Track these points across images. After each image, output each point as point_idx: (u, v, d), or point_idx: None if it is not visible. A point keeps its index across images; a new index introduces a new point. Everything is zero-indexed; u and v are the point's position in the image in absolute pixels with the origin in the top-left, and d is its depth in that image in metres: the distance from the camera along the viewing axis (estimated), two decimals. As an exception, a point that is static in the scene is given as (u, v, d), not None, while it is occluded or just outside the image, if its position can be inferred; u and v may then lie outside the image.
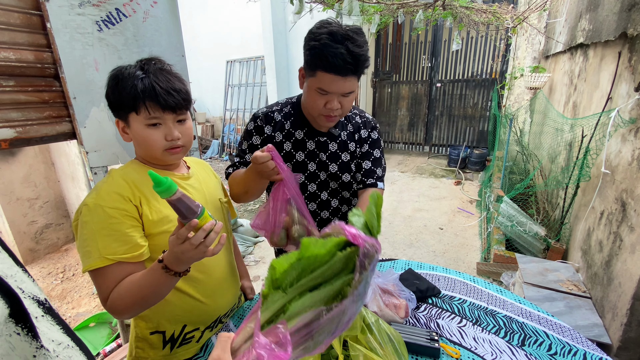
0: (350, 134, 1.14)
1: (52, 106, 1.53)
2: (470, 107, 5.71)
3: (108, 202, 0.74)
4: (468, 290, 1.15)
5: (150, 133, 0.78)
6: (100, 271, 0.73)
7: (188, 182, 0.90)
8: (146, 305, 0.75)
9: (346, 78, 0.90)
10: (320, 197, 1.14)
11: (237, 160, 1.12)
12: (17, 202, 2.68)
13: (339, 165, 1.12)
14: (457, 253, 2.90)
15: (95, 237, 0.72)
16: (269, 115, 1.08)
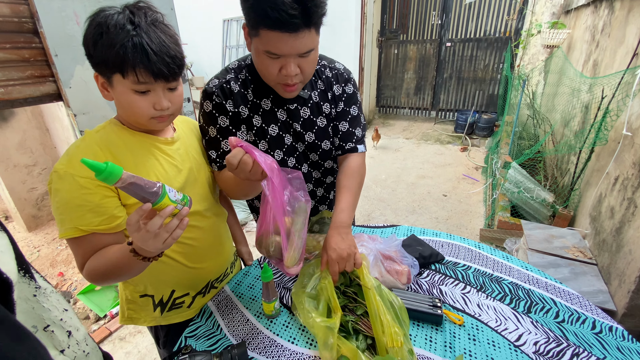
0: (323, 93, 0.98)
1: (34, 65, 1.43)
2: (480, 69, 5.42)
3: (79, 171, 0.67)
4: (473, 256, 1.11)
5: (137, 100, 0.69)
6: (75, 240, 0.70)
7: (172, 147, 0.83)
8: (120, 279, 0.73)
9: (298, 34, 0.70)
10: (300, 171, 1.02)
11: (213, 155, 0.91)
12: (15, 168, 2.65)
13: (315, 132, 0.98)
14: (460, 220, 2.87)
15: (68, 207, 0.68)
16: (225, 87, 0.88)
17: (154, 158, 0.78)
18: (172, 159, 0.82)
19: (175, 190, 0.60)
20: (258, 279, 1.06)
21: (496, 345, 0.79)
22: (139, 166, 0.75)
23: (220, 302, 0.98)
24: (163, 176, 0.78)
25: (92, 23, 0.66)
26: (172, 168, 0.81)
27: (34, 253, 2.58)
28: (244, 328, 0.88)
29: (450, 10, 5.34)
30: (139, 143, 0.77)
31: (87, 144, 0.72)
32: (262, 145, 0.95)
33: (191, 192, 0.85)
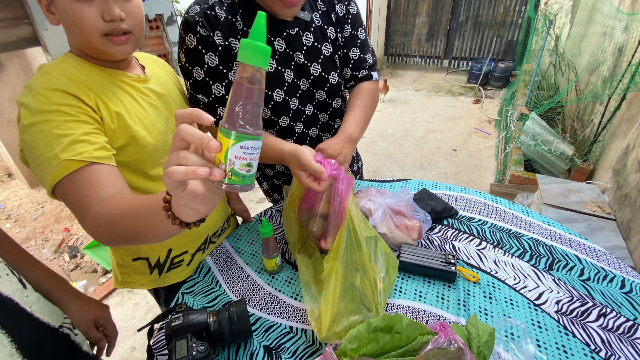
0: (325, 15, 0.84)
1: (6, 6, 1.26)
2: (500, 12, 4.95)
3: (53, 99, 0.55)
4: (489, 211, 1.02)
5: (81, 8, 0.55)
6: (67, 182, 0.53)
7: (146, 85, 0.71)
8: (134, 243, 0.53)
9: None
10: (305, 114, 0.90)
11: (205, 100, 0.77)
12: (9, 124, 2.56)
13: (321, 63, 0.84)
14: (469, 175, 2.77)
15: (48, 141, 0.53)
16: (210, 15, 0.72)
17: (130, 96, 0.66)
18: (150, 98, 0.70)
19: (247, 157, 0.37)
20: (258, 234, 1.00)
21: (514, 304, 0.73)
22: (117, 103, 0.63)
23: (219, 258, 0.92)
24: (145, 117, 0.67)
25: None
26: (153, 109, 0.70)
27: (38, 209, 2.58)
28: (244, 284, 0.83)
29: (471, -59, 4.75)
30: (106, 78, 0.64)
31: (53, 77, 0.57)
32: None
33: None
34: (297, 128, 0.92)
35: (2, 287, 0.43)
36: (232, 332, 0.65)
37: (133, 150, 0.66)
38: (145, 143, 0.67)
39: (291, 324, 0.72)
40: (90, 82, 0.61)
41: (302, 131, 0.94)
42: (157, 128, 0.70)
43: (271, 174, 1.09)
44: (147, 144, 0.67)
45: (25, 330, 0.46)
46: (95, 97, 0.60)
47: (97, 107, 0.60)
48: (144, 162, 0.69)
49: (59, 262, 2.13)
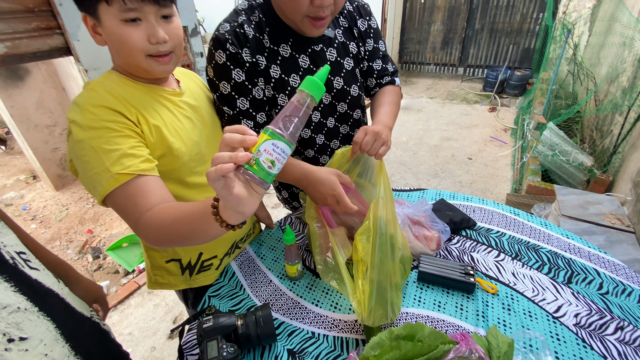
0: (347, 31, 0.88)
1: (39, 16, 1.34)
2: (517, 20, 4.92)
3: (100, 116, 0.59)
4: (507, 222, 1.03)
5: (128, 32, 0.59)
6: (118, 193, 0.58)
7: (182, 99, 0.75)
8: (183, 243, 0.58)
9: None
10: (326, 126, 0.94)
11: (230, 113, 0.81)
12: (36, 129, 2.68)
13: (343, 77, 0.89)
14: (485, 184, 2.75)
15: (99, 155, 0.58)
16: (239, 33, 0.76)
17: (167, 109, 0.71)
18: (185, 110, 0.75)
19: (274, 153, 0.42)
20: (280, 240, 1.03)
21: (533, 316, 0.74)
22: (155, 117, 0.67)
23: (243, 263, 0.96)
24: (181, 129, 0.72)
25: None
26: (188, 121, 0.75)
27: (62, 211, 2.69)
28: (267, 289, 0.86)
29: (487, -50, 4.76)
30: (146, 94, 0.68)
31: (98, 94, 0.63)
32: (282, 99, 0.86)
33: (209, 150, 0.79)
34: (319, 140, 0.96)
35: (43, 280, 0.47)
36: (258, 334, 0.68)
37: (169, 160, 0.70)
38: (180, 153, 0.71)
39: (313, 329, 0.75)
40: (131, 98, 0.66)
41: (324, 142, 0.97)
42: (192, 139, 0.75)
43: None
44: (183, 154, 0.72)
45: (66, 319, 0.49)
46: (136, 112, 0.65)
47: (138, 121, 0.64)
48: (180, 171, 0.74)
49: (82, 262, 2.21)
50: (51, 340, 0.42)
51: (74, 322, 0.52)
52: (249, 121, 0.83)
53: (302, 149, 0.97)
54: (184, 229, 0.53)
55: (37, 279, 0.43)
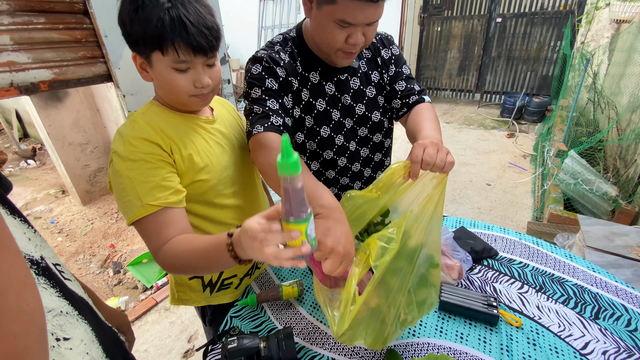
0: (370, 61, 0.94)
1: (86, 46, 1.47)
2: (534, 48, 4.96)
3: (139, 148, 0.67)
4: (530, 253, 1.02)
5: (177, 78, 0.67)
6: (145, 221, 0.66)
7: (214, 126, 0.82)
8: (197, 273, 0.70)
9: (379, 3, 0.69)
10: (349, 149, 0.99)
11: (259, 112, 0.78)
12: (70, 147, 2.84)
13: (365, 103, 0.94)
14: (505, 211, 2.70)
15: (134, 185, 0.66)
16: (274, 56, 0.83)
17: (200, 137, 0.78)
18: (216, 137, 0.81)
19: (313, 229, 0.52)
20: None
21: (559, 352, 0.72)
22: (186, 144, 0.74)
23: (264, 285, 0.98)
24: (212, 154, 0.78)
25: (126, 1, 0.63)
26: (218, 146, 0.81)
27: (88, 225, 2.79)
28: (288, 312, 0.88)
29: (503, -18, 4.89)
30: (183, 123, 0.76)
31: (138, 124, 0.71)
32: (308, 120, 0.92)
33: (236, 174, 0.84)
34: (340, 162, 1.00)
35: (76, 289, 0.50)
36: (280, 358, 0.69)
37: (199, 184, 0.76)
38: (209, 177, 0.77)
39: (333, 355, 0.75)
40: (168, 129, 0.72)
41: (345, 165, 1.01)
42: (221, 164, 0.80)
43: None
44: (212, 177, 0.78)
45: (96, 324, 0.52)
46: (170, 142, 0.71)
47: (172, 151, 0.71)
48: (208, 193, 0.79)
49: (103, 276, 2.27)
50: (89, 341, 0.45)
51: (101, 328, 0.55)
52: (278, 118, 0.78)
53: (324, 170, 1.01)
54: (199, 263, 0.62)
55: (71, 288, 0.46)
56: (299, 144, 0.96)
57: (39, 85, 1.35)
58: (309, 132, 0.93)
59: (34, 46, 1.31)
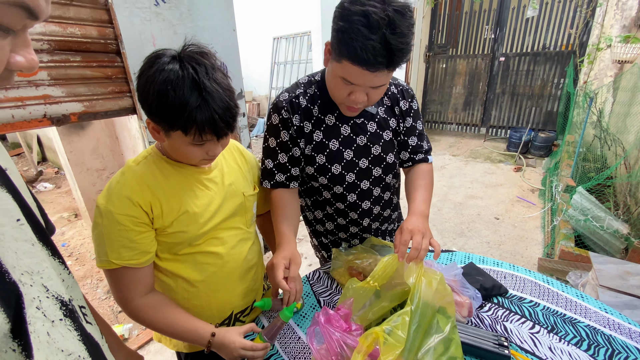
0: (389, 109, 1.01)
1: (115, 82, 1.58)
2: (538, 85, 5.10)
3: (118, 208, 0.70)
4: (541, 292, 1.02)
5: (193, 150, 0.72)
6: (109, 273, 0.74)
7: (208, 176, 0.83)
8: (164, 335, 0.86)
9: (377, 73, 0.75)
10: (360, 187, 1.02)
11: (269, 165, 0.97)
12: (87, 172, 2.94)
13: (381, 145, 1.00)
14: (514, 246, 2.66)
15: (104, 240, 0.71)
16: (294, 102, 0.94)
17: (190, 189, 0.80)
18: (207, 188, 0.83)
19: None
20: (308, 295, 1.06)
21: (574, 398, 0.71)
22: (173, 198, 0.76)
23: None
24: (196, 206, 0.79)
25: (150, 78, 0.64)
26: (206, 198, 0.82)
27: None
28: (296, 345, 0.88)
29: (505, 24, 5.13)
30: (175, 174, 0.78)
31: (126, 179, 0.73)
32: (320, 158, 0.97)
33: (219, 219, 0.84)
34: (350, 197, 1.04)
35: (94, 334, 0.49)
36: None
37: (178, 236, 0.78)
38: (186, 230, 0.78)
39: (343, 392, 0.74)
40: (155, 182, 0.75)
41: (355, 201, 1.05)
42: (203, 216, 0.80)
43: (321, 230, 1.19)
44: (191, 230, 0.79)
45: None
46: (152, 199, 0.73)
47: (151, 209, 0.73)
48: (179, 245, 0.80)
49: (109, 302, 2.26)
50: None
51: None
52: (283, 174, 0.98)
53: (335, 200, 1.05)
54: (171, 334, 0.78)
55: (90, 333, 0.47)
56: (310, 175, 1.01)
57: (70, 117, 1.44)
58: (319, 168, 0.98)
59: (69, 81, 1.41)
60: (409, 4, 0.73)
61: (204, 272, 0.84)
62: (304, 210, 1.21)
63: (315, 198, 1.11)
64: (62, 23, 1.35)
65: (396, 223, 1.24)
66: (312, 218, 1.19)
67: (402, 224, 0.89)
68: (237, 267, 0.89)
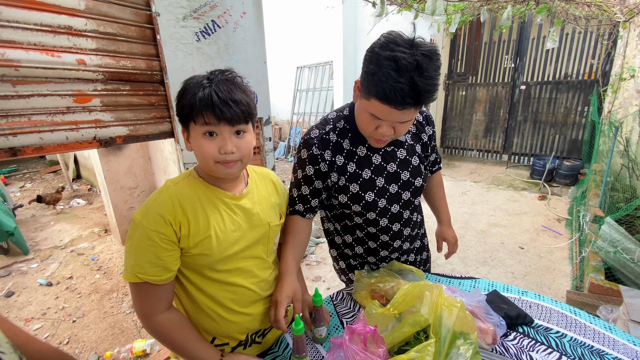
0: (415, 136, 1.09)
1: (157, 108, 1.73)
2: (561, 113, 5.05)
3: (151, 224, 0.74)
4: (568, 322, 1.00)
5: (205, 143, 0.75)
6: (133, 285, 0.77)
7: (238, 202, 0.86)
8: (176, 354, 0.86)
9: (404, 111, 0.80)
10: (390, 211, 1.07)
11: (294, 194, 1.03)
12: (121, 190, 3.12)
13: (410, 171, 1.06)
14: (540, 277, 2.57)
15: (133, 253, 0.75)
16: (325, 138, 0.98)
17: (218, 212, 0.83)
18: (235, 214, 0.86)
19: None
20: (330, 314, 1.08)
21: None
22: (201, 220, 0.80)
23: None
24: (221, 230, 0.82)
25: (181, 87, 0.78)
26: (233, 223, 0.85)
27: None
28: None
29: (525, 54, 5.18)
30: (209, 196, 0.82)
31: (162, 198, 0.78)
32: (354, 187, 1.02)
33: (242, 246, 0.87)
34: (382, 222, 1.08)
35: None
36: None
37: (199, 258, 0.81)
38: (211, 253, 0.81)
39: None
40: (189, 202, 0.79)
41: (386, 225, 1.09)
42: (228, 241, 0.83)
43: (349, 253, 1.22)
44: (213, 254, 0.81)
45: None
46: (182, 219, 0.77)
47: (180, 228, 0.77)
48: (206, 267, 0.83)
49: (132, 317, 2.33)
50: None
51: None
52: (303, 205, 1.03)
53: (366, 225, 1.09)
54: (182, 353, 0.81)
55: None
56: (343, 203, 1.05)
57: (116, 139, 1.58)
58: (353, 196, 1.03)
59: (118, 108, 1.56)
60: (436, 48, 0.79)
61: (223, 298, 0.87)
62: (331, 235, 1.24)
63: (344, 223, 1.14)
64: (116, 56, 1.51)
65: (422, 240, 1.29)
66: (341, 242, 1.21)
67: (442, 232, 1.35)
68: (255, 295, 0.92)
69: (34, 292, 2.63)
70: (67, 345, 2.11)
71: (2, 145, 1.23)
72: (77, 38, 1.35)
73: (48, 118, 1.34)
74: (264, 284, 0.93)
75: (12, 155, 1.27)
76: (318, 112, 6.62)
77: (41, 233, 3.62)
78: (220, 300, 0.86)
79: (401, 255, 1.18)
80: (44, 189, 5.20)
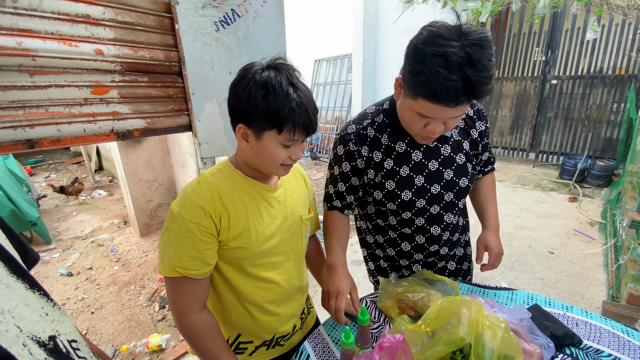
0: (463, 131, 0.99)
1: (175, 101, 1.69)
2: (594, 109, 4.75)
3: (190, 216, 0.72)
4: (620, 344, 0.89)
5: (281, 152, 0.74)
6: (169, 280, 0.74)
7: (273, 194, 0.85)
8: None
9: (457, 107, 0.73)
10: (429, 212, 0.99)
11: (331, 191, 1.02)
12: (140, 182, 3.14)
13: (454, 170, 0.96)
14: (573, 285, 2.41)
15: (171, 246, 0.72)
16: (362, 134, 0.94)
17: (255, 205, 0.82)
18: (271, 207, 0.84)
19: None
20: (354, 326, 1.01)
21: None
22: (240, 212, 0.78)
23: (317, 345, 0.95)
24: (259, 223, 0.81)
25: (249, 83, 0.69)
26: (269, 216, 0.84)
27: (142, 257, 2.96)
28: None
29: (558, 47, 4.89)
30: (245, 188, 0.81)
31: (201, 189, 0.75)
32: (390, 185, 0.95)
33: (278, 240, 0.86)
34: (418, 222, 1.01)
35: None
36: None
37: (238, 252, 0.79)
38: (250, 246, 0.79)
39: None
40: (227, 194, 0.76)
41: (423, 225, 1.01)
42: (265, 234, 0.82)
43: (380, 255, 1.16)
44: (252, 247, 0.80)
45: None
46: (222, 210, 0.75)
47: (220, 220, 0.75)
48: (244, 261, 0.81)
49: (149, 310, 2.34)
50: None
51: None
52: (340, 202, 1.02)
53: (400, 227, 1.02)
54: (205, 358, 0.78)
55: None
56: (377, 200, 0.99)
57: (133, 132, 1.55)
58: (388, 194, 0.96)
59: (135, 100, 1.53)
60: (487, 33, 0.69)
61: (256, 295, 0.86)
62: (363, 233, 1.19)
63: (377, 222, 1.08)
64: (134, 47, 1.47)
65: (464, 248, 1.20)
66: (373, 242, 1.15)
67: (485, 240, 1.06)
68: (285, 293, 0.91)
69: (55, 282, 2.69)
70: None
71: (19, 137, 1.21)
72: (95, 27, 1.31)
73: (65, 110, 1.31)
74: (295, 281, 0.93)
75: (29, 147, 1.24)
76: (336, 106, 6.51)
77: (64, 223, 3.71)
78: (253, 297, 0.85)
79: (438, 261, 1.10)
80: (67, 180, 5.34)
